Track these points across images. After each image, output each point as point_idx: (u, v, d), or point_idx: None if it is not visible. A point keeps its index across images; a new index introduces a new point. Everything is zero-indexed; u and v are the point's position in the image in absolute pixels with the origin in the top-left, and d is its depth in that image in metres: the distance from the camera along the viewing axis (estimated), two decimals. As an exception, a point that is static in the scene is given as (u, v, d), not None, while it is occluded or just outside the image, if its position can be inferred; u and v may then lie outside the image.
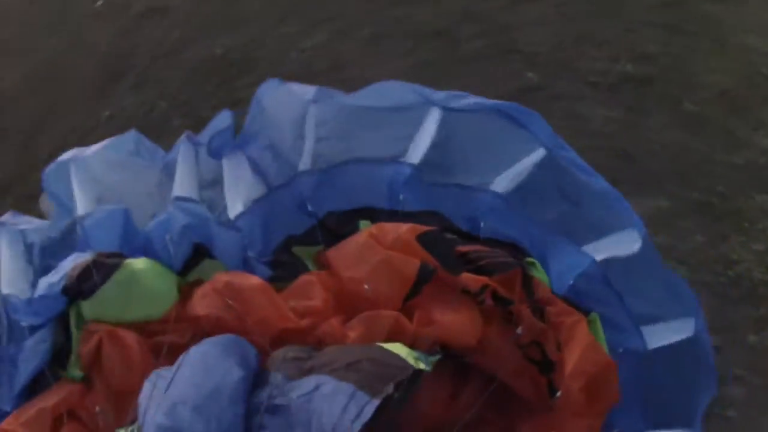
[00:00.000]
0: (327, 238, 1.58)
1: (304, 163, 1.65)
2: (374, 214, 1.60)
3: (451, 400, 1.43)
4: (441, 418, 1.39)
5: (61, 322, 1.46)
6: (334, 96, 1.73)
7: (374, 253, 1.49)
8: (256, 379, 1.31)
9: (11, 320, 1.49)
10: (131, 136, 1.83)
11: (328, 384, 1.26)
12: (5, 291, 1.54)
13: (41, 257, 1.59)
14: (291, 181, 1.63)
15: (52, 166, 1.77)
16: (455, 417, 1.38)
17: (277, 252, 1.58)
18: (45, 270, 1.54)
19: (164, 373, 1.32)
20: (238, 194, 1.61)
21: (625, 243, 1.62)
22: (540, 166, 1.66)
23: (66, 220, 1.67)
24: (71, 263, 1.47)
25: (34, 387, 1.44)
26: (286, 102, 1.74)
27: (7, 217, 1.69)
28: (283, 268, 1.56)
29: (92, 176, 1.73)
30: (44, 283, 1.47)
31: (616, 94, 3.59)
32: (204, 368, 1.29)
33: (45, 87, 4.43)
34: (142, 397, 1.27)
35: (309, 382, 1.27)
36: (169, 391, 1.26)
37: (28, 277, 1.57)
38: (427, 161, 1.65)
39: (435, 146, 1.66)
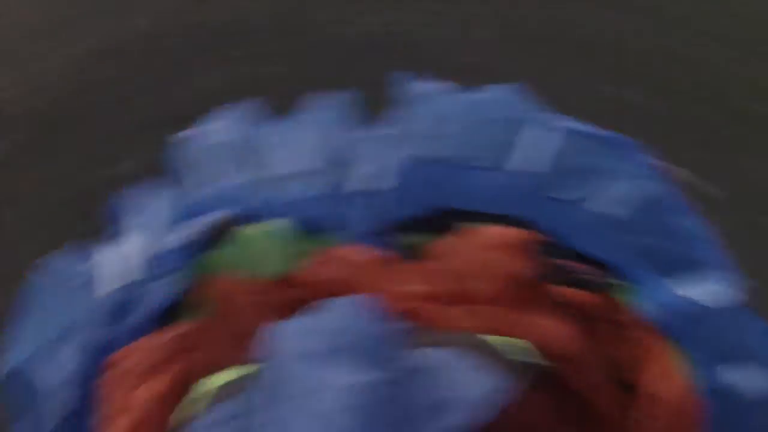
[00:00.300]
0: (432, 230, 1.63)
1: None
2: (475, 217, 1.64)
3: (526, 404, 1.41)
4: (512, 419, 1.37)
5: (181, 274, 1.56)
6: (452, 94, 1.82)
7: (477, 253, 1.54)
8: None
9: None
10: (250, 107, 1.85)
11: (446, 357, 1.27)
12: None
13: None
14: (410, 169, 1.68)
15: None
16: (527, 421, 1.38)
17: (382, 234, 1.64)
18: None
19: (285, 324, 1.32)
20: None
21: (711, 287, 1.59)
22: (634, 197, 1.66)
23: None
24: (199, 222, 1.59)
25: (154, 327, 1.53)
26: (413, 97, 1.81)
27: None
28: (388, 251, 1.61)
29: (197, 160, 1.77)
30: (171, 238, 1.59)
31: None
32: (345, 314, 1.29)
33: (173, 45, 4.46)
34: (269, 336, 1.27)
35: (426, 354, 1.28)
36: (305, 326, 1.27)
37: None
38: (531, 175, 1.69)
39: (537, 162, 1.69)
